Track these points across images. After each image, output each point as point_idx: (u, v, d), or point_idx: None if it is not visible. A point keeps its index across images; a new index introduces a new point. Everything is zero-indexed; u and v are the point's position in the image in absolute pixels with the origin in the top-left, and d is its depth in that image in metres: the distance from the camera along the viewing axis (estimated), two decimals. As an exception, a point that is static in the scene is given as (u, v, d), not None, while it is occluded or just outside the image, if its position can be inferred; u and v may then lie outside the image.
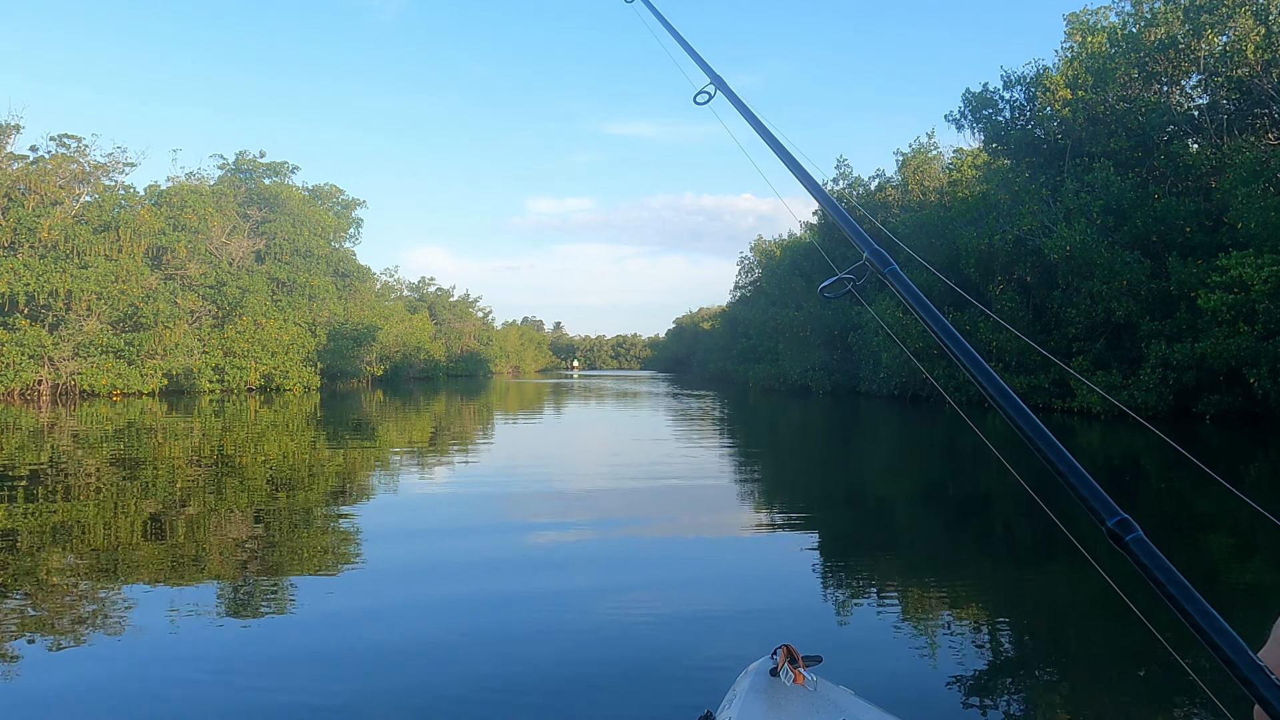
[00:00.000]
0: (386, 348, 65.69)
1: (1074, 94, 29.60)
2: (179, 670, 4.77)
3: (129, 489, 11.50)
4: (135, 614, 5.78)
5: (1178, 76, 30.02)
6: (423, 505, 11.02)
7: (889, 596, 6.60)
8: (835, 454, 19.65)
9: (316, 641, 5.31)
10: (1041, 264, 29.35)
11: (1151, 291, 24.95)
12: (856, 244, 1.86)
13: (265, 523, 9.29)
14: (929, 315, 1.54)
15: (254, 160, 55.64)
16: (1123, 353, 26.33)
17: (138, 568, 7.13)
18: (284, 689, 4.51)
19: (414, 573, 7.22)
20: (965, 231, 32.64)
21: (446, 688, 4.54)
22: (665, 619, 5.82)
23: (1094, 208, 26.77)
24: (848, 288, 1.87)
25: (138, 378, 39.07)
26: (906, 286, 1.63)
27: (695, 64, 3.04)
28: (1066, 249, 25.99)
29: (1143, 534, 1.08)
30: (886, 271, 1.73)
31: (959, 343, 1.45)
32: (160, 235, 43.33)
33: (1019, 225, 29.28)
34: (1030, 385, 27.78)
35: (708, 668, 4.70)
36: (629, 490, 12.17)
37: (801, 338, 48.33)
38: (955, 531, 9.67)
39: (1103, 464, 15.34)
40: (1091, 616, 6.05)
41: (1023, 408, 1.26)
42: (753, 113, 2.58)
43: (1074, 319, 26.83)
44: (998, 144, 33.82)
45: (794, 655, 2.88)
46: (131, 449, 16.93)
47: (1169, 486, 13.01)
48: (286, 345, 47.80)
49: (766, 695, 2.71)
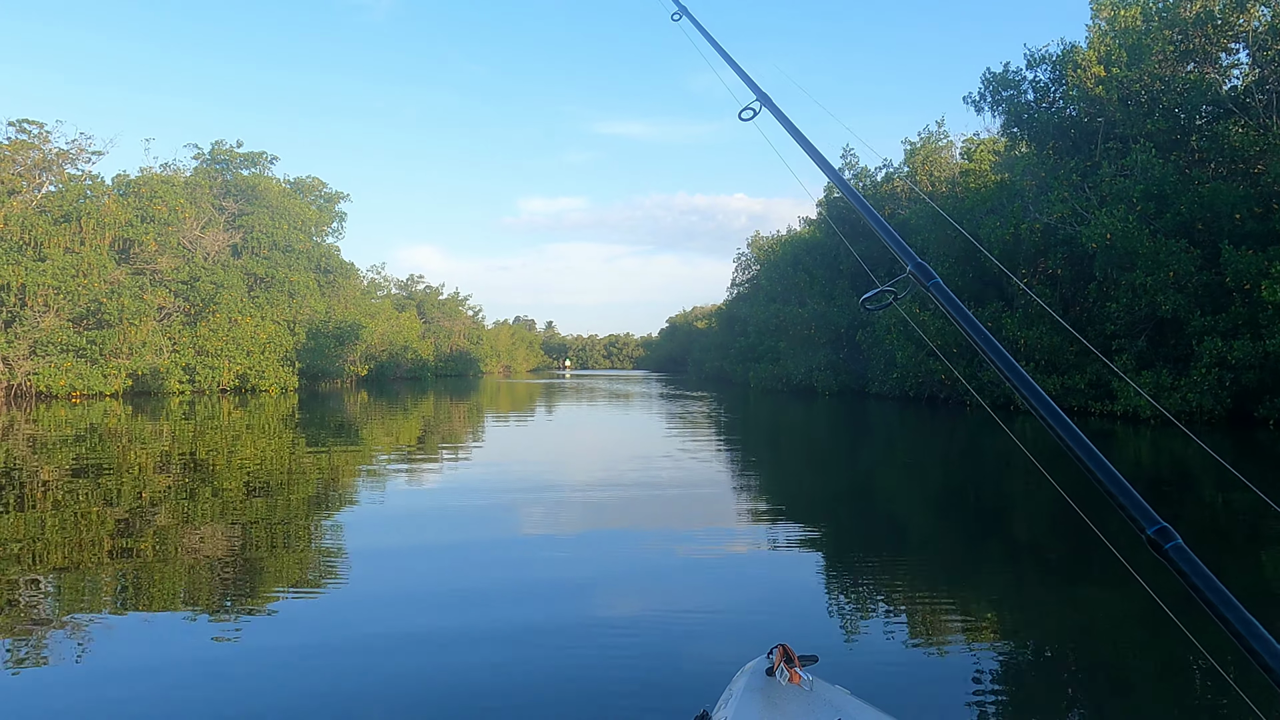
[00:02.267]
0: (372, 347, 63.29)
1: (1107, 71, 27.39)
2: (146, 689, 4.56)
3: (92, 498, 10.66)
4: (101, 631, 5.48)
5: (1217, 53, 27.87)
6: (410, 507, 10.70)
7: (888, 597, 6.51)
8: (844, 457, 18.27)
9: (301, 651, 5.12)
10: (1073, 255, 27.14)
11: (1202, 283, 22.73)
12: (900, 258, 1.89)
13: (242, 533, 8.71)
14: (971, 326, 1.64)
15: (231, 150, 52.98)
16: (1167, 351, 24.10)
17: (102, 583, 6.72)
18: (265, 709, 4.31)
19: (402, 571, 7.17)
20: (987, 221, 30.38)
21: (442, 687, 4.53)
22: (661, 618, 5.80)
23: (1134, 193, 24.55)
24: (889, 301, 1.95)
25: (100, 378, 36.52)
26: (950, 299, 1.73)
27: (740, 80, 3.10)
28: (1107, 237, 23.74)
29: (1182, 542, 1.11)
30: (930, 285, 1.79)
31: (999, 351, 1.53)
32: (128, 227, 40.77)
33: (1048, 213, 27.04)
34: (1064, 386, 25.54)
35: (703, 667, 4.73)
36: (626, 495, 11.62)
37: (805, 336, 46.05)
38: (972, 537, 9.20)
39: (1150, 472, 14.09)
40: (1122, 627, 5.84)
41: (1060, 414, 1.27)
42: (797, 128, 2.68)
43: (1114, 314, 24.56)
44: (1019, 128, 31.57)
45: (790, 655, 2.87)
46: (95, 454, 15.66)
47: (1224, 499, 11.28)
48: (263, 344, 45.28)
49: (762, 695, 2.73)
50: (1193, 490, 12.56)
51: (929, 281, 1.76)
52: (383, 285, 79.52)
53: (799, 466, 16.73)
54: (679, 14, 3.94)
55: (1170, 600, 1.61)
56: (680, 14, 3.94)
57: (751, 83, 3.00)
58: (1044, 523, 9.80)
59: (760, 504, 11.31)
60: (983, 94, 32.14)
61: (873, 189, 47.46)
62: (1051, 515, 9.85)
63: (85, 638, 5.37)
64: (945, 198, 40.56)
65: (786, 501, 11.77)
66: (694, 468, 14.78)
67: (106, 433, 20.62)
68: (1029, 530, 9.61)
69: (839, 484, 13.92)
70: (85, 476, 12.78)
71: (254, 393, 43.68)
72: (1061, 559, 8.00)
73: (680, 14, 3.94)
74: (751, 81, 3.01)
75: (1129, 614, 6.06)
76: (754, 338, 56.91)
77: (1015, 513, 10.65)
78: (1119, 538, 1.20)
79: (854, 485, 13.66)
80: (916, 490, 13.02)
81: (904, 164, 47.13)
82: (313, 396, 41.54)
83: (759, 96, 2.91)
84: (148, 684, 4.63)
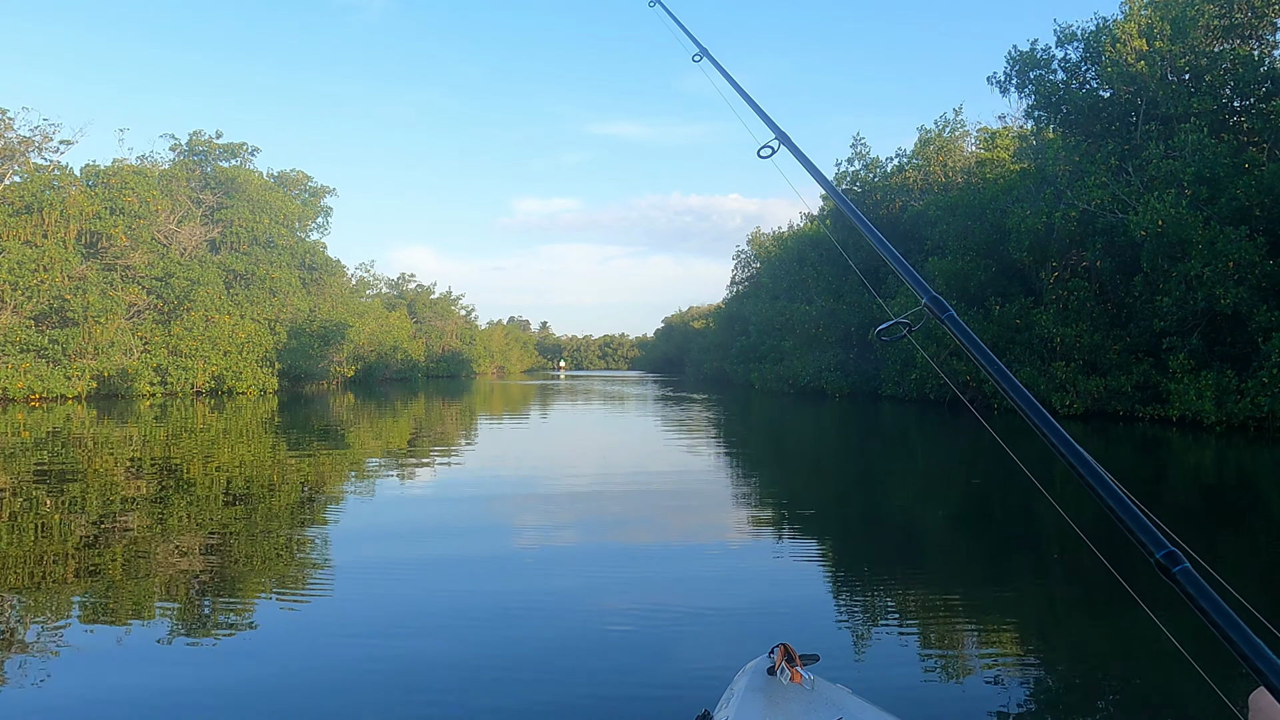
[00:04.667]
0: (360, 347, 60.95)
1: (1149, 45, 25.19)
2: (113, 715, 4.26)
3: (54, 508, 9.99)
4: (67, 654, 5.07)
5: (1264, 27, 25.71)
6: (401, 510, 10.43)
7: (890, 597, 6.43)
8: (859, 461, 17.17)
9: (281, 669, 4.82)
10: (1113, 245, 24.94)
11: (1266, 274, 20.53)
12: (915, 291, 1.92)
13: (218, 544, 8.12)
14: (984, 357, 1.65)
15: (209, 141, 50.50)
16: (1224, 349, 21.87)
17: (64, 602, 6.21)
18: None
19: (399, 565, 7.20)
20: (1014, 210, 28.15)
21: (441, 688, 4.47)
22: (663, 618, 5.71)
23: (1184, 176, 22.35)
24: (903, 333, 1.91)
25: (62, 380, 34.10)
26: (964, 332, 1.74)
27: (759, 119, 3.15)
28: (1158, 223, 21.52)
29: (1190, 567, 1.13)
30: (944, 317, 1.80)
31: (1010, 382, 1.50)
32: (95, 220, 38.36)
33: (1086, 199, 24.82)
34: (1108, 389, 23.32)
35: (705, 667, 4.68)
36: (626, 498, 11.32)
37: (813, 335, 43.76)
38: (990, 545, 8.78)
39: (1212, 487, 12.67)
40: (1135, 649, 5.29)
41: (1065, 436, 1.29)
42: (815, 166, 2.78)
43: (1164, 309, 22.29)
44: (1048, 110, 29.28)
45: (791, 654, 2.87)
46: (57, 461, 14.65)
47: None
48: (241, 343, 42.85)
49: (764, 694, 2.73)
50: (1261, 508, 10.95)
51: (943, 314, 1.80)
52: (372, 284, 77.25)
53: (809, 469, 16.04)
54: (700, 55, 4.12)
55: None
56: (701, 55, 4.11)
57: (771, 122, 3.07)
58: (1074, 539, 8.52)
59: (764, 506, 11.00)
60: (1008, 74, 29.91)
61: (883, 180, 45.24)
62: (1093, 535, 8.35)
63: (47, 661, 4.98)
64: (961, 188, 38.37)
65: (791, 503, 11.40)
66: (696, 472, 14.32)
67: (70, 438, 19.12)
68: (1057, 545, 8.42)
69: (850, 488, 13.31)
70: (46, 485, 11.87)
71: (230, 395, 41.30)
72: (1086, 577, 7.12)
73: (701, 55, 4.11)
74: (771, 121, 3.09)
75: (1145, 636, 5.42)
76: (756, 337, 54.62)
77: (1044, 526, 9.40)
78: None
79: (866, 489, 13.04)
80: (935, 496, 12.17)
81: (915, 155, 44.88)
82: (295, 399, 39.42)
83: (778, 135, 3.00)
84: (114, 710, 4.35)
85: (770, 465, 16.54)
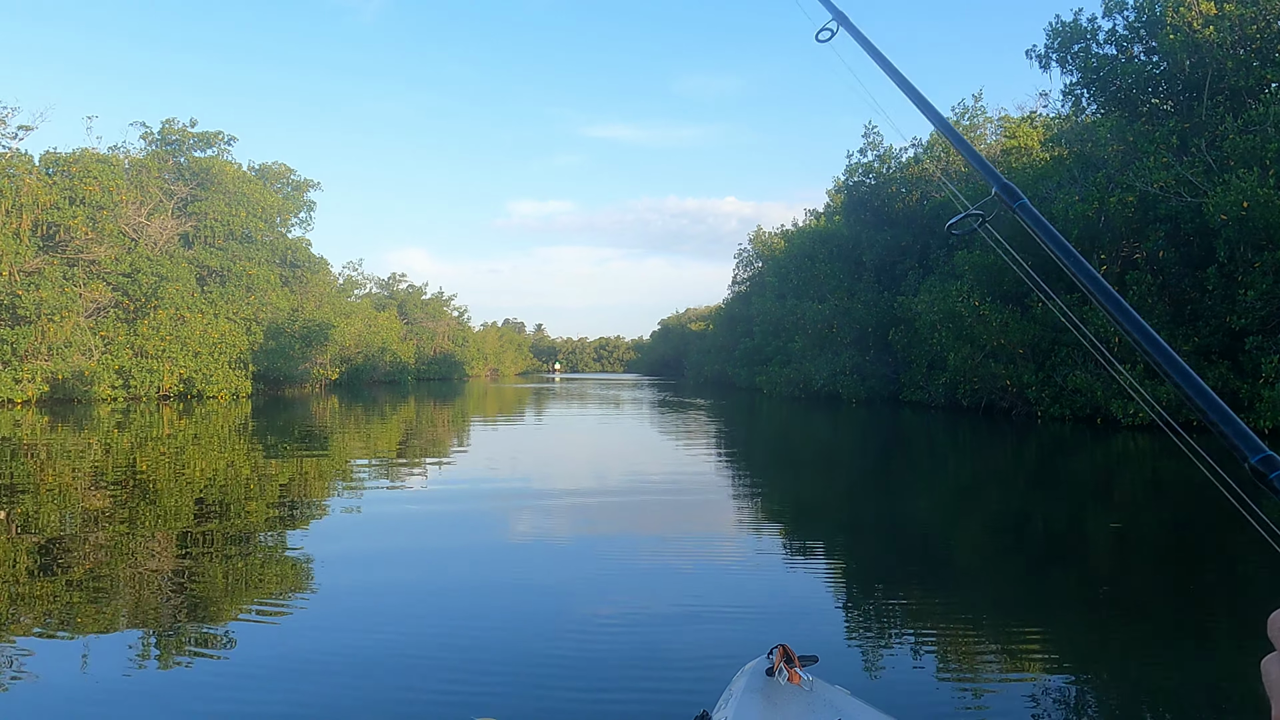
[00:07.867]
0: (345, 348, 58.08)
1: (1219, 9, 22.46)
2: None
3: (3, 525, 8.98)
4: (22, 685, 4.53)
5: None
6: (392, 510, 10.15)
7: (890, 599, 6.39)
8: (877, 470, 15.98)
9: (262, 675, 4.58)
10: (1178, 233, 22.20)
11: (1372, 263, 17.79)
12: (985, 178, 1.74)
13: (188, 557, 7.44)
14: (1060, 249, 1.44)
15: (183, 129, 47.53)
16: (1318, 350, 19.11)
17: (19, 615, 5.71)
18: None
19: (390, 568, 7.07)
20: (1058, 197, 25.39)
21: (441, 687, 4.38)
22: (661, 618, 5.65)
23: (1266, 153, 19.61)
24: (974, 225, 1.82)
25: (10, 383, 31.22)
26: (1038, 221, 1.53)
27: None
28: (1242, 206, 18.76)
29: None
30: (1017, 206, 1.65)
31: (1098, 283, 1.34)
32: (52, 210, 35.44)
33: (1148, 181, 22.06)
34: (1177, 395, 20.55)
35: (703, 667, 4.61)
36: (626, 502, 10.94)
37: (826, 335, 40.95)
38: (1010, 560, 7.88)
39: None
40: (1139, 660, 5.05)
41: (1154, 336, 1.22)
42: (879, 50, 2.46)
43: (1247, 304, 19.53)
44: (1093, 86, 26.52)
45: (790, 655, 2.83)
46: (4, 472, 13.44)
47: None
48: (213, 344, 39.91)
49: (762, 695, 2.70)
50: None
51: (1015, 202, 1.61)
52: (361, 283, 74.31)
53: (821, 475, 15.26)
54: None
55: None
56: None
57: (829, 2, 2.68)
58: (1123, 564, 7.53)
59: (768, 510, 10.73)
60: (1049, 48, 27.18)
61: (899, 172, 42.49)
62: (1143, 558, 7.81)
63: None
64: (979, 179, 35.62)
65: (798, 508, 11.19)
66: (696, 474, 14.08)
67: (20, 446, 17.64)
68: (1101, 566, 7.53)
69: (864, 495, 12.70)
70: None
71: (200, 399, 38.39)
72: (1108, 596, 6.56)
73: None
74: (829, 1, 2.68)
75: (1161, 654, 5.09)
76: (761, 338, 51.80)
77: (1087, 547, 8.57)
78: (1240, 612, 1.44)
79: (882, 497, 12.36)
80: (958, 508, 11.34)
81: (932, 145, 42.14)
82: (273, 403, 36.73)
83: (835, 15, 2.66)
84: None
85: (778, 469, 15.95)
